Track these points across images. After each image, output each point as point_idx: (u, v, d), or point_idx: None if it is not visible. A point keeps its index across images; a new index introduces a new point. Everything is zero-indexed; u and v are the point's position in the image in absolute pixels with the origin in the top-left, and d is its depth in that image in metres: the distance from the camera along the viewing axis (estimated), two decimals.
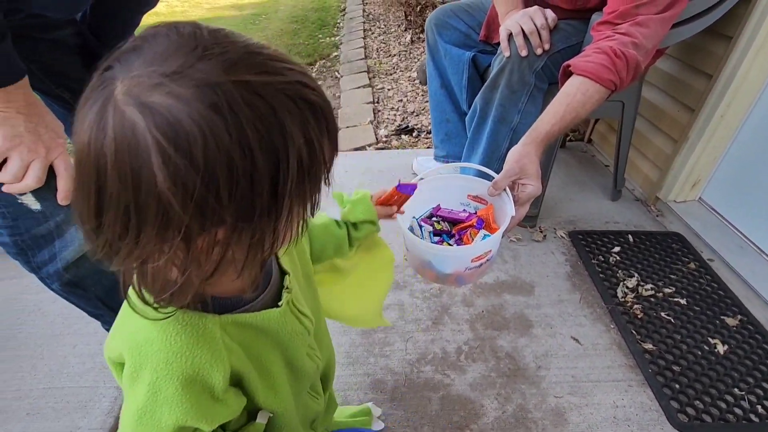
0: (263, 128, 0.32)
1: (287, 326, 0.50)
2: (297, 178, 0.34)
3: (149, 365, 0.39)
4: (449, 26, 1.45)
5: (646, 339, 1.10)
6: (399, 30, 3.98)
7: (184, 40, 0.32)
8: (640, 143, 1.59)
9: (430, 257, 0.83)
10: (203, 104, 0.30)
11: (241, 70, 0.31)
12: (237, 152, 0.31)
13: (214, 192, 0.31)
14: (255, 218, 0.34)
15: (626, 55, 0.89)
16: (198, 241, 0.34)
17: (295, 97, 0.34)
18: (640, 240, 1.40)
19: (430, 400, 0.99)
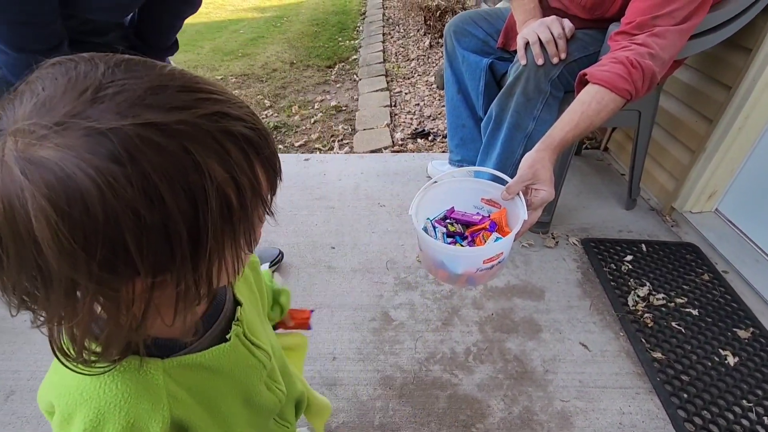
0: (174, 171, 0.28)
1: (239, 361, 0.47)
2: (222, 219, 0.32)
3: (80, 416, 0.36)
4: (468, 33, 1.48)
5: (656, 348, 1.11)
6: (418, 35, 4.02)
7: (73, 82, 0.29)
8: (657, 153, 1.59)
9: (443, 257, 0.86)
10: (96, 155, 0.27)
11: (142, 109, 0.28)
12: (142, 202, 0.28)
13: (121, 248, 0.28)
14: (176, 267, 0.31)
15: (642, 66, 0.91)
16: (113, 295, 0.31)
17: (213, 130, 0.30)
18: (654, 250, 1.40)
19: (438, 398, 1.01)
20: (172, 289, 0.33)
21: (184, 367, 0.41)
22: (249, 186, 0.33)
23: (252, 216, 0.35)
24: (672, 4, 0.93)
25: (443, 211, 0.97)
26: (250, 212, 0.34)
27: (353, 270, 1.35)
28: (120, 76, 0.29)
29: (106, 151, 0.27)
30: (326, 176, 1.81)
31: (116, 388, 0.36)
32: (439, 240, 0.89)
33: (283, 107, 2.74)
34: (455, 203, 0.97)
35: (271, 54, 3.72)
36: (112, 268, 0.29)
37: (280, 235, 1.49)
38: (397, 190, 1.72)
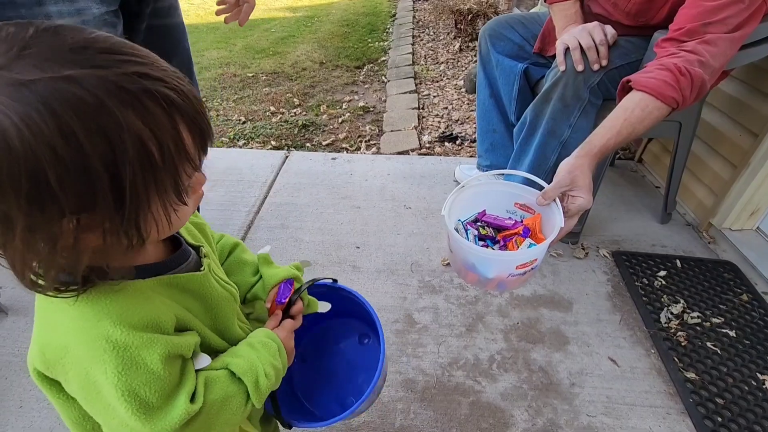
0: (88, 117, 0.32)
1: (213, 291, 0.51)
2: (143, 169, 0.34)
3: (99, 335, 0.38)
4: (503, 37, 1.46)
5: (689, 368, 1.07)
6: (448, 38, 4.00)
7: (8, 36, 0.32)
8: (696, 166, 1.54)
9: (475, 259, 0.85)
10: (17, 101, 0.30)
11: (61, 66, 0.32)
12: (58, 140, 0.31)
13: (43, 183, 0.31)
14: (99, 209, 0.34)
15: (691, 73, 0.88)
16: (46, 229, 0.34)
17: (131, 88, 0.33)
18: (689, 266, 1.35)
19: (460, 404, 1.00)
20: (97, 227, 0.35)
21: (164, 285, 0.45)
22: (172, 142, 0.36)
23: (178, 171, 0.38)
24: (725, 11, 0.89)
25: (474, 214, 0.96)
26: (175, 167, 0.37)
27: (378, 271, 1.35)
28: (46, 38, 0.33)
29: (25, 98, 0.30)
30: (353, 176, 1.82)
31: (117, 304, 0.40)
32: (471, 242, 0.88)
33: (312, 106, 2.77)
34: (487, 206, 0.96)
35: (301, 53, 3.76)
36: (40, 204, 0.32)
37: (305, 232, 1.50)
38: (423, 193, 1.72)
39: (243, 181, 1.77)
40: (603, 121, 0.92)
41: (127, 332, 0.39)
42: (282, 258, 1.39)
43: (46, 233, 0.34)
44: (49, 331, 0.41)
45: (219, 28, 4.66)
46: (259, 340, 0.53)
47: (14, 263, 0.36)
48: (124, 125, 0.33)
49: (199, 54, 3.77)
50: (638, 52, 1.12)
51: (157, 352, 0.40)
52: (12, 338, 1.12)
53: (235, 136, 2.39)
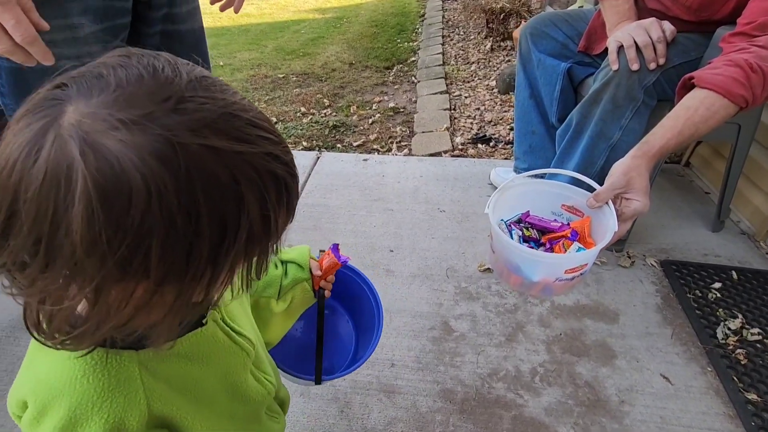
0: (219, 198, 0.30)
1: (218, 348, 0.45)
2: (243, 248, 0.33)
3: (52, 412, 0.35)
4: (546, 36, 1.41)
5: (750, 388, 0.99)
6: (479, 37, 3.93)
7: (159, 85, 0.30)
8: (752, 171, 1.44)
9: (520, 261, 0.81)
10: (158, 162, 0.27)
11: (212, 133, 0.29)
12: (181, 217, 0.29)
13: (143, 252, 0.29)
14: (183, 282, 0.31)
15: (764, 70, 0.81)
16: (112, 291, 0.30)
17: (261, 169, 0.32)
18: (746, 278, 1.27)
19: (501, 418, 0.95)
20: (170, 299, 0.32)
21: (163, 357, 0.40)
22: (275, 224, 0.35)
23: (269, 249, 0.36)
24: None
25: (518, 214, 0.92)
26: (268, 247, 0.36)
27: (412, 275, 1.32)
28: (201, 94, 0.31)
29: (168, 161, 0.28)
30: (385, 178, 1.79)
31: (88, 383, 0.36)
32: (515, 241, 0.84)
33: (342, 107, 2.76)
34: (531, 207, 0.92)
35: (331, 54, 3.77)
36: (125, 267, 0.29)
37: (338, 234, 1.48)
38: (457, 195, 1.67)
39: None
40: (662, 120, 0.86)
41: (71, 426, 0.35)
42: None
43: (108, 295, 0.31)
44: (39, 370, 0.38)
45: (250, 30, 4.74)
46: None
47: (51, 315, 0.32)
48: (246, 211, 0.31)
49: (231, 56, 3.83)
50: (698, 49, 1.05)
51: None
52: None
53: None
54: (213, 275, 0.33)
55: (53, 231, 0.28)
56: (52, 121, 0.28)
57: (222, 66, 3.58)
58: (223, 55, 3.85)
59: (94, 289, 0.29)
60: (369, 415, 0.95)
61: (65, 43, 0.75)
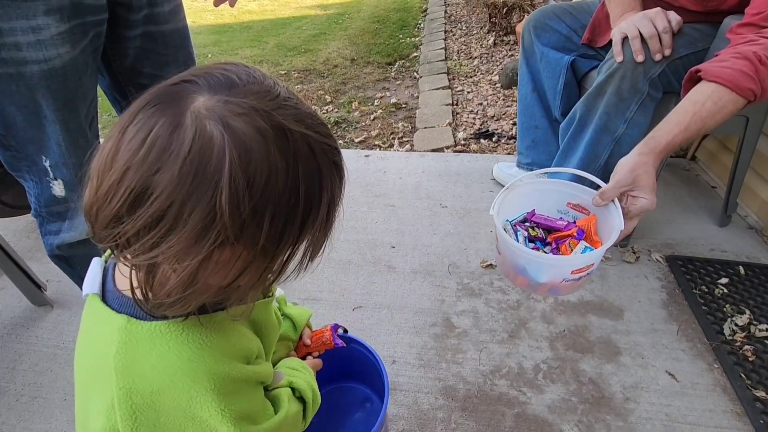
0: (310, 177, 0.37)
1: (270, 319, 0.54)
2: (320, 225, 0.40)
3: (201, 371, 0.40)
4: (549, 28, 1.39)
5: (758, 385, 0.97)
6: (481, 32, 3.90)
7: (268, 87, 0.37)
8: (761, 165, 1.41)
9: (525, 263, 0.80)
10: (276, 144, 0.34)
11: (306, 126, 0.37)
12: (288, 192, 0.36)
13: (258, 218, 0.35)
14: (278, 248, 0.38)
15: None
16: (223, 254, 0.36)
17: (330, 157, 0.40)
18: (754, 273, 1.24)
19: (504, 415, 0.94)
20: (262, 264, 0.39)
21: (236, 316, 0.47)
22: (335, 209, 0.42)
23: (329, 233, 0.43)
24: None
25: (523, 213, 0.90)
26: (330, 229, 0.43)
27: (414, 271, 1.31)
28: (293, 99, 0.39)
29: (283, 146, 0.35)
30: (386, 174, 1.78)
31: (213, 336, 0.42)
32: (521, 244, 0.83)
33: (344, 103, 2.75)
34: (537, 206, 0.90)
35: (333, 50, 3.75)
36: (241, 231, 0.35)
37: (339, 230, 1.46)
38: (459, 191, 1.66)
39: None
40: (668, 115, 0.84)
41: (229, 366, 0.42)
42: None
43: (226, 254, 0.36)
44: (135, 377, 0.40)
45: (252, 27, 4.73)
46: (300, 364, 0.58)
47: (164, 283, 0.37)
48: (324, 192, 0.39)
49: (232, 52, 3.83)
50: (705, 40, 1.03)
51: (253, 380, 0.45)
52: (57, 331, 1.15)
53: None
54: (293, 249, 0.40)
55: (190, 195, 0.32)
56: (186, 107, 0.34)
57: None
58: (225, 52, 3.84)
59: (212, 249, 0.34)
60: None
61: (30, 47, 0.71)
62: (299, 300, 1.22)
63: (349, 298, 1.23)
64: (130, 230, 0.34)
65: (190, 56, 1.03)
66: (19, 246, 1.41)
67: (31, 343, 1.12)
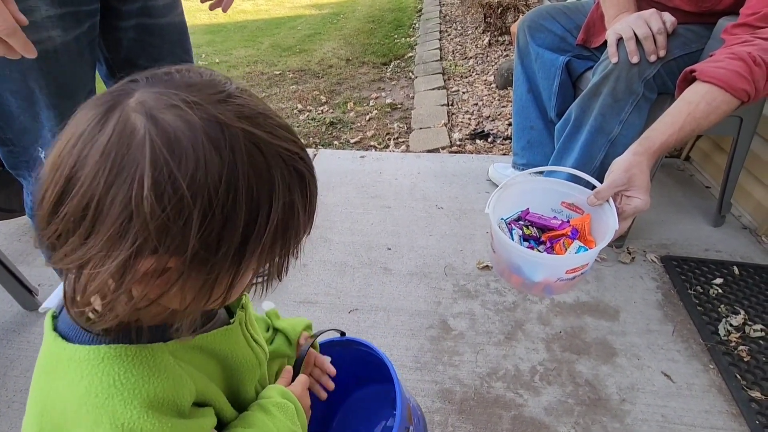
0: (254, 178, 0.33)
1: (238, 350, 0.46)
2: (270, 236, 0.35)
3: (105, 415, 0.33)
4: (544, 29, 1.39)
5: (753, 386, 0.98)
6: (476, 32, 3.90)
7: (214, 83, 0.35)
8: (754, 166, 1.42)
9: (521, 262, 0.80)
10: (207, 137, 0.31)
11: (252, 124, 0.34)
12: (222, 189, 0.31)
13: (183, 219, 0.31)
14: (216, 259, 0.33)
15: (767, 63, 0.79)
16: (146, 261, 0.31)
17: (289, 163, 0.35)
18: (748, 273, 1.25)
19: (501, 417, 0.94)
20: (199, 279, 0.34)
21: (187, 348, 0.41)
22: (297, 218, 0.37)
23: (290, 247, 0.39)
24: None
25: (517, 212, 0.90)
26: (290, 243, 0.38)
27: (410, 273, 1.31)
28: (245, 96, 0.36)
29: (215, 137, 0.32)
30: (382, 175, 1.77)
31: (133, 375, 0.35)
32: (516, 242, 0.83)
33: (339, 103, 2.74)
34: (532, 204, 0.90)
35: (328, 50, 3.74)
36: (164, 234, 0.31)
37: (335, 232, 1.47)
38: (455, 192, 1.66)
39: None
40: (662, 116, 0.84)
41: (138, 414, 0.34)
42: (313, 258, 1.36)
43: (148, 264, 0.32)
44: (47, 402, 0.36)
45: (246, 27, 4.70)
46: (274, 403, 0.48)
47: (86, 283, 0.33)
48: (276, 196, 0.35)
49: (227, 53, 3.80)
50: (700, 41, 1.03)
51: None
52: None
53: None
54: (240, 263, 0.35)
55: (108, 189, 0.30)
56: (119, 102, 0.32)
57: (218, 63, 3.55)
58: (219, 52, 3.82)
59: (134, 252, 0.31)
60: None
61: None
62: (294, 303, 1.21)
63: (345, 301, 1.22)
64: (57, 230, 0.32)
65: (188, 52, 1.03)
66: (9, 249, 1.39)
67: (22, 349, 1.10)
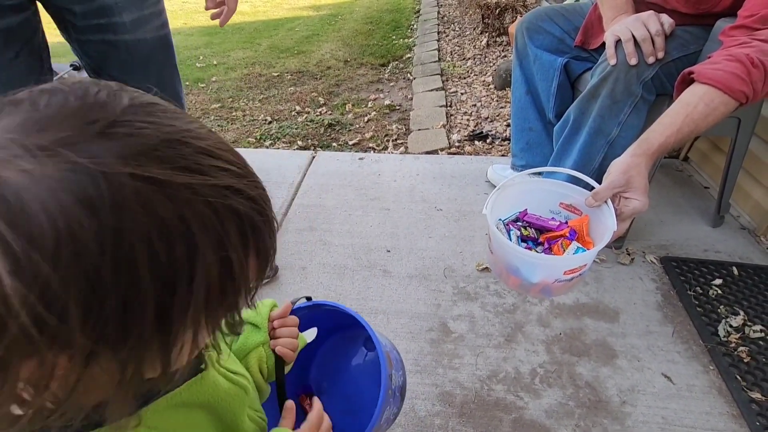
0: (161, 242, 0.24)
1: (218, 391, 0.42)
2: (202, 305, 0.27)
3: None
4: (542, 30, 1.39)
5: (754, 387, 0.98)
6: (474, 33, 3.90)
7: (86, 107, 0.25)
8: (753, 166, 1.42)
9: (519, 263, 0.80)
10: (70, 196, 0.22)
11: (149, 161, 0.24)
12: (108, 266, 0.23)
13: (56, 313, 0.22)
14: (125, 347, 0.25)
15: (765, 65, 0.79)
16: (25, 364, 0.24)
17: (218, 205, 0.26)
18: (748, 274, 1.25)
19: (501, 420, 0.94)
20: (115, 373, 0.26)
21: (162, 410, 0.36)
22: (240, 272, 0.29)
23: (237, 303, 0.31)
24: None
25: (515, 213, 0.91)
26: (235, 300, 0.30)
27: (409, 276, 1.30)
28: (139, 118, 0.26)
29: (85, 194, 0.22)
30: (381, 176, 1.77)
31: None
32: (513, 243, 0.83)
33: (337, 105, 2.73)
34: (529, 205, 0.91)
35: (326, 52, 3.74)
36: (39, 332, 0.22)
37: (334, 234, 1.46)
38: (454, 193, 1.65)
39: (270, 182, 1.74)
40: (660, 117, 0.84)
41: None
42: (312, 261, 1.36)
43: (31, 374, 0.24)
44: None
45: (244, 28, 4.70)
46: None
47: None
48: (200, 256, 0.26)
49: (224, 54, 3.80)
50: (697, 43, 1.03)
51: None
52: None
53: (262, 136, 2.38)
54: (167, 339, 0.27)
55: None
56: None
57: (216, 65, 3.55)
58: (217, 54, 3.82)
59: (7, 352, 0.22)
60: None
61: None
62: None
63: (345, 304, 1.21)
64: None
65: (164, 66, 1.01)
66: None
67: None
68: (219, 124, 2.55)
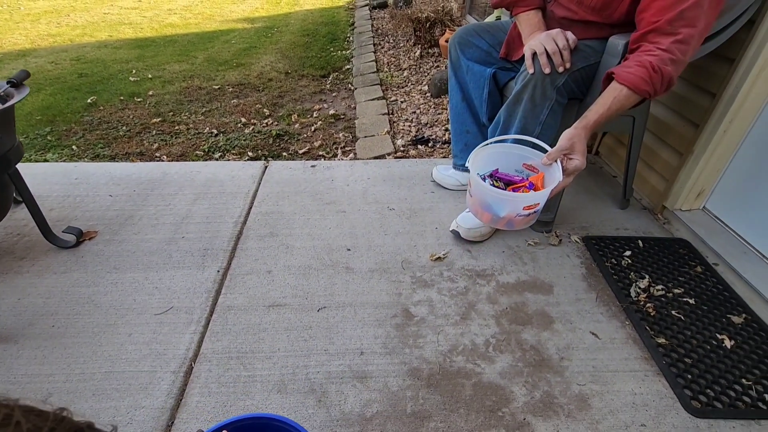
0: None
1: None
2: None
3: None
4: (472, 44, 1.57)
5: (659, 334, 1.19)
6: (408, 45, 4.13)
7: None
8: (648, 156, 1.70)
9: (491, 200, 1.13)
10: None
11: None
12: None
13: None
14: None
15: (662, 72, 1.04)
16: None
17: None
18: (650, 245, 1.50)
19: (464, 386, 1.07)
20: None
21: None
22: None
23: None
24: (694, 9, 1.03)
25: (489, 171, 1.27)
26: None
27: (371, 270, 1.41)
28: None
29: None
30: (334, 182, 1.86)
31: None
32: (487, 185, 1.16)
33: (282, 116, 2.78)
34: (500, 166, 1.27)
35: (266, 64, 3.76)
36: None
37: (295, 238, 1.53)
38: (404, 194, 1.79)
39: (225, 192, 1.77)
40: (594, 102, 1.11)
41: None
42: (276, 264, 1.42)
43: None
44: None
45: (177, 41, 4.56)
46: None
47: None
48: None
49: (159, 68, 3.68)
50: (596, 55, 1.25)
51: None
52: (6, 366, 1.09)
53: (210, 149, 2.37)
54: None
55: None
56: None
57: (151, 79, 3.43)
58: (151, 68, 3.69)
59: None
60: (345, 401, 1.02)
61: None
62: (263, 308, 1.26)
63: (313, 301, 1.29)
64: None
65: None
66: None
67: None
68: (162, 139, 2.49)
